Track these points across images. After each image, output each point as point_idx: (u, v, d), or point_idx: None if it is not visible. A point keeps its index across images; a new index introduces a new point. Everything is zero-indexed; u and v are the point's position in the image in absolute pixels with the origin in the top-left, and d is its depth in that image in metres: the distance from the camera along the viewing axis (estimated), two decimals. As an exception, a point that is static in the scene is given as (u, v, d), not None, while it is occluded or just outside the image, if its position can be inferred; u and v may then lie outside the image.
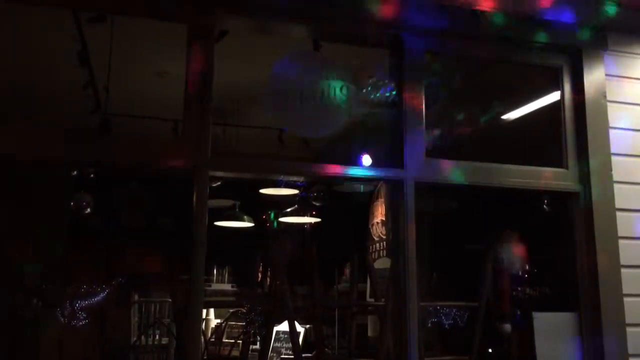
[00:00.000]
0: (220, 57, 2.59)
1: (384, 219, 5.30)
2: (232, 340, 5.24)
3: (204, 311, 5.30)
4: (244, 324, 4.85)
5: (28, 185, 5.21)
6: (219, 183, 3.91)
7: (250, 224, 6.31)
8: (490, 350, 4.22)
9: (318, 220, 6.22)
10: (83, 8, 2.90)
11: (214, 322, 6.04)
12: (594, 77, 3.01)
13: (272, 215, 7.07)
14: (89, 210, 5.56)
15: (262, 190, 6.01)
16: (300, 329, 4.85)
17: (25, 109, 4.13)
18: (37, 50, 4.05)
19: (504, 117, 4.37)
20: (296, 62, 2.87)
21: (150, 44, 3.92)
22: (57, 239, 5.95)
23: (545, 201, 3.90)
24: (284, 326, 4.85)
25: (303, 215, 6.19)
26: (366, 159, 3.01)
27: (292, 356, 4.18)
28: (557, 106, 3.07)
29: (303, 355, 4.16)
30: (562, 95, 3.04)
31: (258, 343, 4.83)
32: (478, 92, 4.20)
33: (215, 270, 6.90)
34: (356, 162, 2.94)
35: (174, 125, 4.32)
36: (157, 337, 5.54)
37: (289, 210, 6.18)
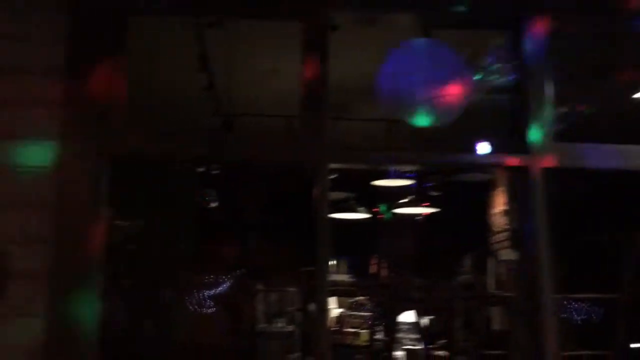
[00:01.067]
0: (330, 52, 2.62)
1: (505, 208, 5.09)
2: (354, 330, 5.32)
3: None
4: (365, 314, 4.90)
5: (160, 182, 5.61)
6: (335, 176, 3.97)
7: (366, 216, 6.35)
8: (637, 346, 3.91)
9: (434, 210, 6.11)
10: (203, 14, 3.04)
11: (335, 312, 6.15)
12: None
13: (384, 207, 7.04)
14: (214, 204, 5.94)
15: (375, 182, 6.01)
16: (423, 320, 4.82)
17: (155, 112, 4.40)
18: (161, 57, 4.29)
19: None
20: (408, 51, 2.84)
21: (262, 43, 4.03)
22: (186, 232, 6.39)
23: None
24: (407, 317, 4.84)
25: (418, 206, 6.11)
26: (484, 146, 2.91)
27: (415, 346, 4.17)
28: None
29: (427, 346, 4.13)
30: None
31: (379, 333, 4.86)
32: (608, 70, 3.90)
33: (332, 262, 7.02)
34: (474, 150, 2.86)
35: (287, 121, 4.43)
36: (282, 324, 5.77)
37: (403, 201, 6.13)
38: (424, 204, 6.08)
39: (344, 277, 6.68)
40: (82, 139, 2.33)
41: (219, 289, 5.95)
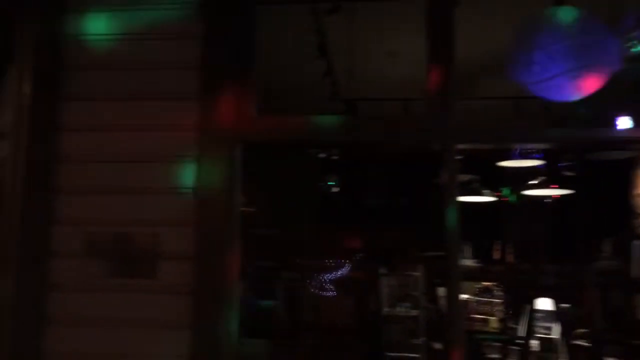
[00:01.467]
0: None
1: (652, 188, 4.65)
2: (482, 316, 5.17)
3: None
4: (494, 300, 4.73)
5: (283, 169, 5.81)
6: (460, 157, 3.84)
7: (491, 199, 6.12)
8: None
9: (566, 192, 5.74)
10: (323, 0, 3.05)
11: (460, 297, 6.00)
12: None
13: (508, 190, 6.73)
14: (335, 189, 6.05)
15: (501, 163, 5.76)
16: (560, 307, 4.55)
17: (279, 98, 4.52)
18: (283, 43, 4.37)
19: None
20: (539, 21, 2.65)
21: (380, 25, 3.98)
22: (309, 217, 6.58)
23: None
24: (542, 304, 4.60)
25: (547, 187, 5.77)
26: (624, 121, 2.66)
27: (551, 335, 3.95)
28: None
29: (564, 335, 3.89)
30: None
31: (510, 320, 4.68)
32: None
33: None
34: (614, 125, 2.62)
35: (405, 104, 4.36)
36: (406, 308, 5.77)
37: (531, 182, 5.82)
38: (553, 186, 5.72)
39: (469, 262, 6.50)
40: (218, 127, 2.45)
41: (343, 272, 6.06)
